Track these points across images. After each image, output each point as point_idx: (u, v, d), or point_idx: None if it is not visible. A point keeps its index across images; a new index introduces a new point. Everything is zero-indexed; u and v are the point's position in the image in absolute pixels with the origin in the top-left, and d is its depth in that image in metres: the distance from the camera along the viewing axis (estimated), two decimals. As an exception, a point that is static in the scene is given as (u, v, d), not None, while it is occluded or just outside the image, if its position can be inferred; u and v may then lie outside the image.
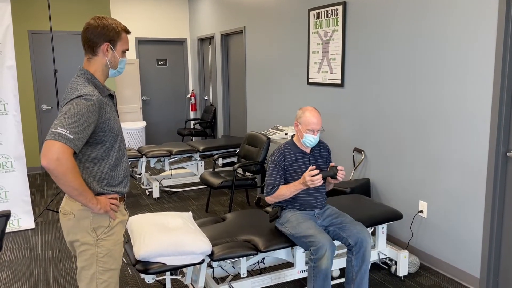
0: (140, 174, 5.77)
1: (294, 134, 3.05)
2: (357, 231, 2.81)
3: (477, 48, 3.04)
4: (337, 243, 3.22)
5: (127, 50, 2.05)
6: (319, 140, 3.06)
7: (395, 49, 3.73)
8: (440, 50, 3.32)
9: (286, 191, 2.87)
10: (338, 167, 2.84)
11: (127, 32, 2.03)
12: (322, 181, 2.75)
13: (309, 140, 2.90)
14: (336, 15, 4.37)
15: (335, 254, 3.20)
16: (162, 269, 2.52)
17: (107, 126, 1.92)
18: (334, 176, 2.85)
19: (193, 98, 8.80)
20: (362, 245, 2.78)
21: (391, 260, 3.47)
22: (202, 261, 2.63)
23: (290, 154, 2.95)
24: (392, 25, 3.74)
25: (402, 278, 3.38)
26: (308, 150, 3.00)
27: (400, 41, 3.68)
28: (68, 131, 1.75)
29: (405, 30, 3.62)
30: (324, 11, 4.56)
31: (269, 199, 2.93)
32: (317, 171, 2.73)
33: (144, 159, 5.56)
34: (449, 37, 3.25)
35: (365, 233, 2.81)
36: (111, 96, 2.05)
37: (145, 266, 2.50)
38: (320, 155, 3.04)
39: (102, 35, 1.94)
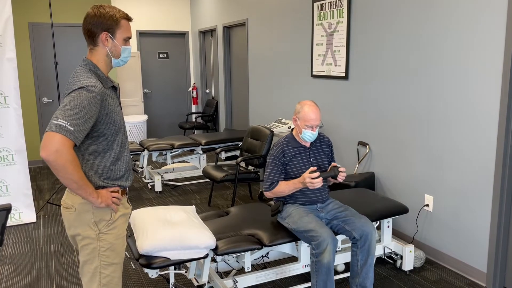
0: (142, 168, 5.73)
1: (294, 128, 3.00)
2: (362, 224, 2.77)
3: (485, 41, 2.99)
4: (341, 237, 3.18)
5: (130, 38, 1.98)
6: (320, 133, 3.03)
7: (401, 41, 3.68)
8: (448, 42, 3.27)
9: (285, 188, 2.84)
10: (340, 168, 2.80)
11: (128, 19, 1.96)
12: (322, 183, 2.73)
13: (308, 136, 2.85)
14: (341, 6, 4.31)
15: (340, 249, 3.17)
16: (166, 263, 2.49)
17: (109, 118, 1.88)
18: (334, 177, 2.83)
19: (194, 92, 8.75)
20: (367, 238, 2.74)
21: (396, 254, 3.44)
22: (206, 256, 2.60)
23: (289, 148, 2.90)
24: (398, 17, 3.68)
25: (408, 273, 3.34)
26: (308, 144, 2.95)
27: (406, 32, 3.62)
28: (68, 123, 1.71)
29: (411, 22, 3.56)
30: (328, 2, 4.50)
31: (268, 194, 2.90)
32: (317, 173, 2.70)
33: (146, 152, 5.52)
34: (456, 30, 3.19)
35: (370, 226, 2.77)
36: (114, 88, 2.00)
37: (149, 261, 2.47)
38: (321, 149, 2.99)
39: (100, 24, 1.88)
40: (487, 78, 3.00)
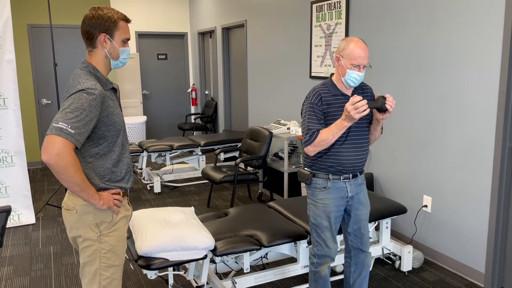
0: (141, 169, 5.74)
1: (333, 73, 2.51)
2: (360, 242, 2.59)
3: (483, 42, 3.00)
4: (339, 237, 3.19)
5: (128, 39, 1.98)
6: (361, 82, 2.51)
7: (398, 42, 3.69)
8: (446, 43, 3.28)
9: (328, 134, 2.33)
10: (386, 95, 2.30)
11: (126, 20, 1.97)
12: (368, 109, 2.22)
13: (353, 78, 2.34)
14: (339, 8, 4.32)
15: (338, 249, 3.16)
16: (165, 264, 2.49)
17: (109, 120, 1.88)
18: (381, 108, 2.29)
19: (193, 93, 8.75)
20: (358, 257, 2.62)
21: (395, 255, 3.44)
22: (205, 257, 2.60)
23: (328, 96, 2.41)
24: (396, 18, 3.69)
25: (406, 273, 3.35)
26: (349, 92, 2.45)
27: (404, 34, 3.63)
28: (69, 126, 1.71)
29: (410, 23, 3.57)
30: (327, 3, 4.51)
31: (310, 148, 2.41)
32: (360, 97, 2.20)
33: (145, 153, 5.53)
34: (455, 30, 3.20)
35: (367, 255, 2.62)
36: (114, 90, 2.01)
37: (148, 262, 2.48)
38: (364, 99, 2.43)
39: (98, 26, 1.89)
40: (486, 79, 3.01)
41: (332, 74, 2.51)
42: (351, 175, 2.49)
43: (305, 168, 2.58)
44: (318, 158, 2.48)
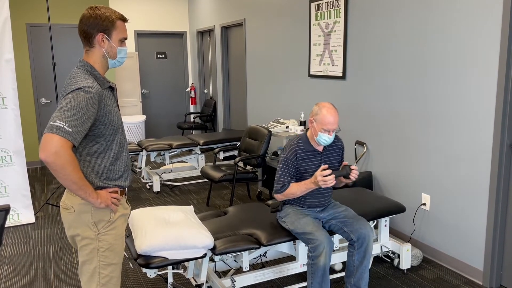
0: (140, 168, 5.74)
1: (308, 128, 2.90)
2: (360, 227, 2.78)
3: (481, 39, 3.00)
4: (338, 236, 3.20)
5: (125, 38, 1.99)
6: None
7: (397, 41, 3.69)
8: (444, 42, 3.28)
9: (296, 190, 2.79)
10: (352, 167, 2.74)
11: (123, 20, 1.97)
12: (335, 181, 2.66)
13: (324, 140, 2.76)
14: (338, 7, 4.32)
15: (337, 248, 3.18)
16: (164, 263, 2.50)
17: (107, 119, 1.88)
18: (347, 176, 2.76)
19: (193, 92, 8.75)
20: (364, 240, 2.75)
21: (393, 253, 3.45)
22: (204, 255, 2.61)
23: (302, 152, 2.83)
24: (395, 16, 3.70)
25: (405, 271, 3.36)
26: (321, 148, 2.87)
27: (402, 32, 3.64)
28: (67, 124, 1.72)
29: (408, 21, 3.57)
30: (325, 2, 4.51)
31: (279, 196, 2.85)
32: (329, 171, 2.64)
33: (144, 153, 5.53)
34: (453, 29, 3.21)
35: (368, 229, 2.78)
36: (112, 89, 2.01)
37: (147, 261, 2.48)
38: (333, 152, 2.93)
39: (96, 25, 1.89)
40: (484, 78, 3.02)
41: (308, 129, 2.89)
42: (317, 208, 2.94)
43: (275, 200, 3.03)
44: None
